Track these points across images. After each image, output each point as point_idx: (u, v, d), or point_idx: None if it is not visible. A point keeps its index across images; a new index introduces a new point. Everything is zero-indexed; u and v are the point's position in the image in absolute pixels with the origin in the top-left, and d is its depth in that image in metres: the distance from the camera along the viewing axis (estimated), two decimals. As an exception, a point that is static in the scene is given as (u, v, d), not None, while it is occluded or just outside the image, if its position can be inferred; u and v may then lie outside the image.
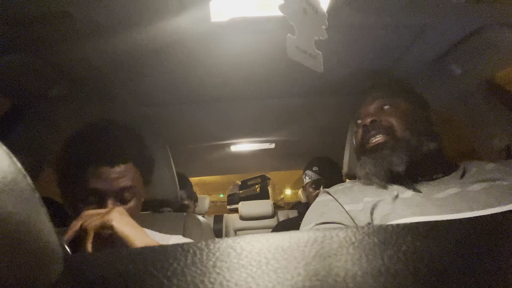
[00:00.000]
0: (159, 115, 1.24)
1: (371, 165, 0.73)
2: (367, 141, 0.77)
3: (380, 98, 0.81)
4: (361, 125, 0.80)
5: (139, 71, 0.92)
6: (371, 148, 0.76)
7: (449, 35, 0.83)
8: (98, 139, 0.71)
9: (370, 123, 0.76)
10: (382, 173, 0.71)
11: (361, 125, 0.80)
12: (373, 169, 0.72)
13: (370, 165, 0.73)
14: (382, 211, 0.64)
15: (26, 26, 0.66)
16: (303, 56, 0.47)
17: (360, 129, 0.81)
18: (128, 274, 0.21)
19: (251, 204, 2.77)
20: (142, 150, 0.77)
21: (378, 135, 0.75)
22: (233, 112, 1.27)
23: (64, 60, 0.82)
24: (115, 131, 0.75)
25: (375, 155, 0.73)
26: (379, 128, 0.76)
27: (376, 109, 0.80)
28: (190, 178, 1.81)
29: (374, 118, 0.77)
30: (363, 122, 0.79)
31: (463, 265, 0.21)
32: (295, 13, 0.46)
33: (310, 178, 1.55)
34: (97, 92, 1.00)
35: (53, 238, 0.20)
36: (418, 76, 1.01)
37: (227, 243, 0.23)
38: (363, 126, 0.78)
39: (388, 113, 0.77)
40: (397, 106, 0.78)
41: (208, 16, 0.68)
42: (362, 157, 0.78)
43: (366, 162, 0.75)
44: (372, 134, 0.76)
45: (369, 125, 0.77)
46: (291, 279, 0.19)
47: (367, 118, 0.78)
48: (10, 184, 0.17)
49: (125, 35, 0.72)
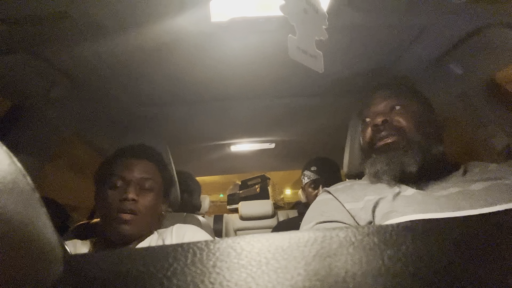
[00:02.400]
0: (159, 115, 1.24)
1: (384, 163, 0.72)
2: (378, 140, 0.76)
3: (391, 98, 0.80)
4: (370, 124, 0.79)
5: (139, 71, 0.92)
6: (382, 147, 0.75)
7: (449, 35, 0.83)
8: (134, 145, 0.89)
9: (381, 123, 0.75)
10: (393, 173, 0.70)
11: (371, 124, 0.78)
12: (385, 168, 0.72)
13: (382, 164, 0.73)
14: (383, 209, 0.64)
15: (26, 26, 0.66)
16: (304, 56, 0.47)
17: (369, 128, 0.79)
18: (128, 274, 0.21)
19: (251, 204, 2.76)
20: (167, 164, 0.91)
21: (390, 136, 0.74)
22: (233, 112, 1.27)
23: (64, 60, 0.82)
24: (149, 147, 0.91)
25: (388, 154, 0.73)
26: (390, 129, 0.75)
27: (387, 109, 0.79)
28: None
29: (385, 118, 0.75)
30: (373, 122, 0.77)
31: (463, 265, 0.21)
32: (295, 13, 0.46)
33: (309, 178, 1.55)
34: (97, 92, 1.00)
35: (53, 238, 0.20)
36: (418, 76, 1.01)
37: (227, 243, 0.23)
38: (374, 125, 0.76)
39: (399, 114, 0.76)
40: (407, 107, 0.77)
41: (208, 16, 0.68)
42: (372, 155, 0.77)
43: (378, 161, 0.74)
44: (383, 135, 0.75)
45: (380, 125, 0.75)
46: (291, 279, 0.19)
47: (377, 117, 0.76)
48: (10, 184, 0.17)
49: (125, 35, 0.72)
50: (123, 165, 0.81)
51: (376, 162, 0.74)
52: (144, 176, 0.81)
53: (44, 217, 0.19)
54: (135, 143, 0.90)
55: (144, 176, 0.81)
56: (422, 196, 0.65)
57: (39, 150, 1.00)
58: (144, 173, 0.81)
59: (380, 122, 0.75)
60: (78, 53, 0.79)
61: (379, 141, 0.76)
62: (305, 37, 0.47)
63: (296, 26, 0.46)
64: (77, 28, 0.67)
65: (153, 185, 0.82)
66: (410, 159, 0.70)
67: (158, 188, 0.84)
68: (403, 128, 0.74)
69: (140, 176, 0.80)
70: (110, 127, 1.26)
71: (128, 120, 1.23)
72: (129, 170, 0.80)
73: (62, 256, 0.21)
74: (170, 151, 1.13)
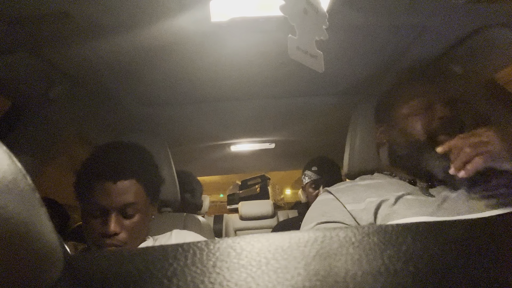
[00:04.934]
0: (159, 115, 1.24)
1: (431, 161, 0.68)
2: (441, 135, 0.70)
3: (449, 95, 0.75)
4: (434, 116, 0.72)
5: (139, 71, 0.92)
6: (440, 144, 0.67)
7: (449, 35, 0.83)
8: (104, 157, 0.76)
9: (446, 118, 0.70)
10: (438, 173, 0.67)
11: (436, 117, 0.71)
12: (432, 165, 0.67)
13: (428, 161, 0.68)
14: (385, 211, 0.64)
15: (26, 26, 0.66)
16: (304, 56, 0.47)
17: (428, 120, 0.72)
18: (128, 274, 0.21)
19: (251, 204, 2.76)
20: (147, 168, 0.79)
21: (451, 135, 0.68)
22: (233, 112, 1.26)
23: (64, 60, 0.81)
24: (121, 150, 0.78)
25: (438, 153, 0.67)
26: (452, 127, 0.70)
27: (449, 105, 0.74)
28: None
29: (450, 114, 0.71)
30: (439, 114, 0.71)
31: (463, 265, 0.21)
32: (295, 13, 0.46)
33: (309, 178, 1.55)
34: (97, 92, 1.00)
35: (53, 238, 0.20)
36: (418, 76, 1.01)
37: (227, 243, 0.23)
38: (442, 118, 0.71)
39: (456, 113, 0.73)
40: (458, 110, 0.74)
41: (208, 16, 0.68)
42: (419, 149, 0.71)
43: (425, 157, 0.69)
44: (447, 131, 0.70)
45: (448, 118, 0.70)
46: (291, 279, 0.19)
47: (442, 110, 0.71)
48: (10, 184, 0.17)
49: (125, 35, 0.72)
50: (99, 190, 0.70)
51: (421, 158, 0.69)
52: (125, 201, 0.71)
53: (44, 217, 0.19)
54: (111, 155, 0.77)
55: (125, 202, 0.71)
56: (423, 199, 0.65)
57: (39, 150, 1.00)
58: (124, 198, 0.71)
59: (445, 116, 0.71)
60: (78, 53, 0.79)
61: (443, 135, 0.70)
62: (305, 37, 0.47)
63: (296, 26, 0.46)
64: (77, 28, 0.67)
65: (138, 206, 0.73)
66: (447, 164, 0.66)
67: (143, 204, 0.75)
68: (463, 128, 0.71)
69: (120, 203, 0.70)
70: (110, 127, 1.26)
71: (128, 120, 1.23)
72: (107, 197, 0.69)
73: (62, 256, 0.21)
74: (170, 151, 1.13)
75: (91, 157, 0.77)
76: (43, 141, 1.01)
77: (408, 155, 0.74)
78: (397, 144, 0.77)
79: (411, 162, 0.73)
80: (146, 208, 0.77)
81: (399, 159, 0.77)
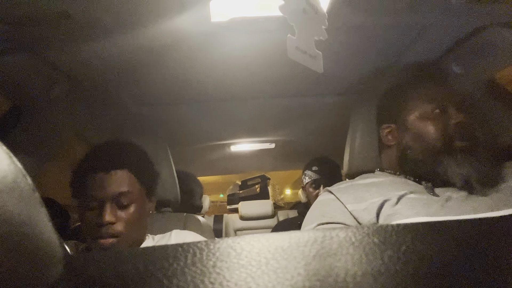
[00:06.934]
0: (159, 115, 1.24)
1: (469, 168, 0.65)
2: (459, 140, 0.69)
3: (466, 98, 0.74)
4: (451, 120, 0.70)
5: (139, 71, 0.92)
6: (457, 149, 0.68)
7: (449, 35, 0.83)
8: (97, 152, 0.78)
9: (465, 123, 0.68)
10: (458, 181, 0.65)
11: (453, 122, 0.70)
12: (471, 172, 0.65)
13: (468, 168, 0.65)
14: (387, 211, 0.64)
15: (26, 26, 0.66)
16: (303, 57, 0.47)
17: (446, 124, 0.71)
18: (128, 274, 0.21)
19: (251, 204, 2.76)
20: (140, 160, 0.80)
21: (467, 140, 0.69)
22: (233, 112, 1.26)
23: (64, 60, 0.82)
24: (114, 145, 0.80)
25: (471, 158, 0.66)
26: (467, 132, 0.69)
27: (466, 108, 0.72)
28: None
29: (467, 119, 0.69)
30: (457, 118, 0.70)
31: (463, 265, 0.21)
32: (295, 13, 0.46)
33: (310, 178, 1.55)
34: (97, 92, 1.00)
35: (53, 238, 0.20)
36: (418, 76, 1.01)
37: (227, 243, 0.23)
38: (458, 123, 0.69)
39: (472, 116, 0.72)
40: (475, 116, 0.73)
41: (208, 16, 0.68)
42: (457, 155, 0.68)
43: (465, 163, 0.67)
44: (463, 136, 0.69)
45: (464, 123, 0.69)
46: (291, 279, 0.19)
47: (460, 113, 0.70)
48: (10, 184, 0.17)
49: (125, 35, 0.72)
50: (93, 182, 0.71)
51: (464, 164, 0.66)
52: (119, 190, 0.71)
53: (44, 217, 0.19)
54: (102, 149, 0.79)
55: (119, 191, 0.71)
56: (426, 199, 0.64)
57: (39, 150, 1.00)
58: (118, 187, 0.71)
59: (465, 120, 0.69)
60: (78, 53, 0.79)
61: (458, 142, 0.68)
62: (305, 37, 0.47)
63: (295, 26, 0.46)
64: (77, 28, 0.67)
65: (132, 196, 0.73)
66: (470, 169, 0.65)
67: (138, 196, 0.75)
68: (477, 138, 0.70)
69: (114, 192, 0.71)
70: (110, 127, 1.26)
71: (128, 120, 1.23)
72: (101, 187, 0.70)
73: (62, 256, 0.21)
74: (170, 151, 1.13)
75: (86, 155, 0.79)
76: (43, 141, 1.01)
77: (424, 161, 0.71)
78: (410, 148, 0.75)
79: (427, 167, 0.71)
80: (142, 200, 0.77)
81: (412, 163, 0.74)
